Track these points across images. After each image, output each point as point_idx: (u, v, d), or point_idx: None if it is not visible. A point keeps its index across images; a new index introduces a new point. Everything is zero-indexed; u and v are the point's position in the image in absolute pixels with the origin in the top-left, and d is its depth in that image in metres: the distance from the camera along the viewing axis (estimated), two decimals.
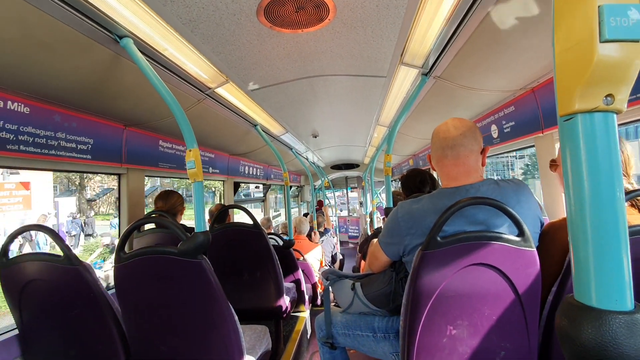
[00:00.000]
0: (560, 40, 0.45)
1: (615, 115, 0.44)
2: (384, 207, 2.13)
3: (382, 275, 1.35)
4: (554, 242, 1.06)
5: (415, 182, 2.01)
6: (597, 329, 0.43)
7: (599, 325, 0.43)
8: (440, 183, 1.32)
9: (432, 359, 1.00)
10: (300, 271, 2.98)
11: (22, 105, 1.54)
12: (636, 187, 1.06)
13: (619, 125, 1.61)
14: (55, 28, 1.15)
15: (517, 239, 0.94)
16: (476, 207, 1.01)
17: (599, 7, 0.40)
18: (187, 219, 3.87)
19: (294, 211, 8.41)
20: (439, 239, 0.95)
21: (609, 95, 0.42)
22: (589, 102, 0.43)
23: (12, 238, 1.39)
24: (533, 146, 2.15)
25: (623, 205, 0.44)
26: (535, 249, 0.95)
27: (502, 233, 0.95)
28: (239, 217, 4.30)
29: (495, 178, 1.14)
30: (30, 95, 1.55)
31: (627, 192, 0.93)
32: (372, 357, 1.43)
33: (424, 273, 0.96)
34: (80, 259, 1.33)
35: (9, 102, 1.49)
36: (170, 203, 2.23)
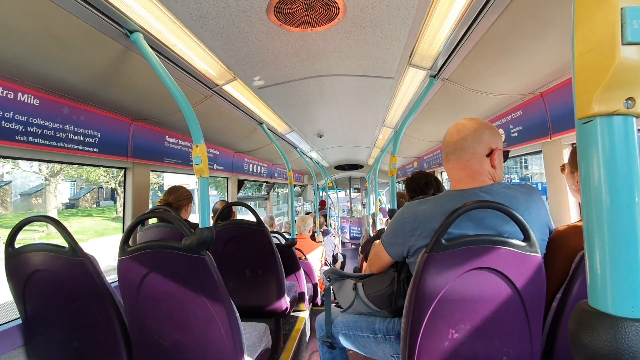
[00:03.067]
0: (580, 42, 0.44)
1: (635, 119, 0.43)
2: (388, 208, 2.13)
3: (384, 275, 1.34)
4: (559, 249, 1.04)
5: (420, 184, 2.00)
6: (613, 336, 0.42)
7: (615, 332, 0.42)
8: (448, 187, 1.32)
9: None
10: (301, 270, 2.98)
11: (32, 97, 1.56)
12: None
13: None
14: (68, 21, 1.16)
15: (523, 244, 0.94)
16: (484, 211, 1.01)
17: (621, 9, 0.39)
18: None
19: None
20: (443, 241, 0.95)
21: (630, 98, 0.41)
22: (608, 105, 0.42)
23: (18, 228, 1.40)
24: (540, 151, 2.14)
25: None
26: (540, 255, 0.94)
27: (507, 237, 0.94)
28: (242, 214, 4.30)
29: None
30: (40, 87, 1.57)
31: None
32: (372, 358, 1.42)
33: (427, 275, 0.96)
34: None
35: (20, 94, 1.51)
36: (174, 196, 2.23)
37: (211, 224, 1.29)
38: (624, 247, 0.43)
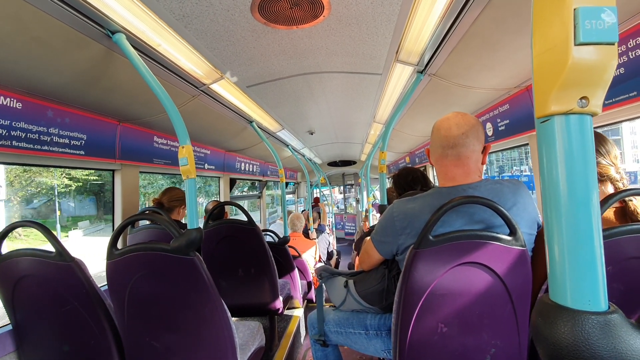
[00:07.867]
0: (538, 42, 0.45)
1: (590, 118, 0.44)
2: (379, 204, 2.14)
3: (375, 272, 1.35)
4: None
5: (407, 180, 2.01)
6: (570, 329, 0.44)
7: (572, 325, 0.44)
8: (435, 182, 1.32)
9: (424, 356, 1.00)
10: (295, 268, 2.98)
11: (15, 101, 1.53)
12: (628, 186, 1.05)
13: (601, 126, 1.62)
14: (48, 23, 1.14)
15: (509, 237, 0.95)
16: (475, 206, 1.01)
17: (574, 9, 0.40)
18: None
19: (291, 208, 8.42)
20: (431, 237, 0.96)
21: (584, 97, 0.42)
22: (563, 105, 0.43)
23: (4, 234, 1.38)
24: (527, 144, 2.17)
25: (597, 207, 0.44)
26: (525, 248, 0.96)
27: (493, 232, 0.96)
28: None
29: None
30: (22, 90, 1.54)
31: (618, 192, 0.92)
32: (364, 354, 1.44)
33: (415, 271, 0.97)
34: None
35: (2, 98, 1.48)
36: (166, 197, 2.22)
37: (200, 225, 1.28)
38: (581, 243, 0.45)
